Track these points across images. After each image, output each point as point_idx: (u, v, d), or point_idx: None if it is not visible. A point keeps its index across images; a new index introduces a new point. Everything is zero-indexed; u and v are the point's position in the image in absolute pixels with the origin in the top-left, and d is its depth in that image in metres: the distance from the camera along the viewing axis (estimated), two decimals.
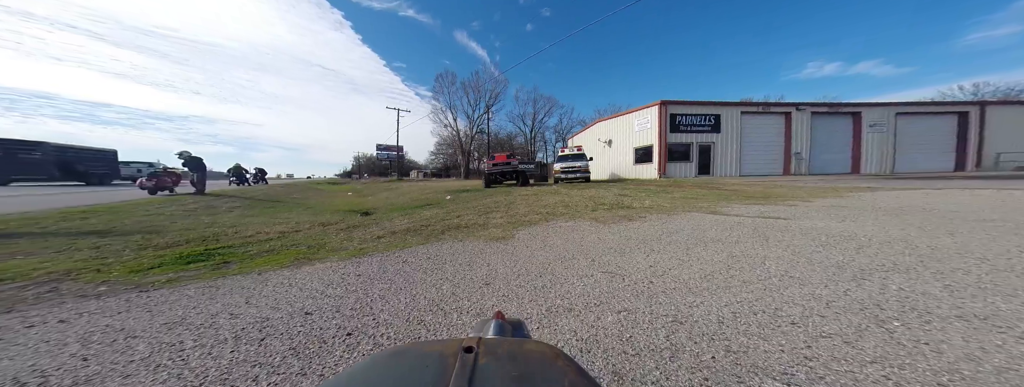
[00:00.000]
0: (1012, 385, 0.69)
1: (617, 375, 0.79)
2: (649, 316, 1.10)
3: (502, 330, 0.36)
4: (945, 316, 1.01)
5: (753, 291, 1.28)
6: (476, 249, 2.29)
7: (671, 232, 2.51)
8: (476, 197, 6.81)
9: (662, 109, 13.30)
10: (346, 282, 1.70)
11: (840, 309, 1.09)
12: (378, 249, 2.43)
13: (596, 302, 1.24)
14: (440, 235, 2.87)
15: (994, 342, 0.86)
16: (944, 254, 1.66)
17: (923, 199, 3.90)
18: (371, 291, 1.54)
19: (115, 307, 1.48)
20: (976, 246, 1.79)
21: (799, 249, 1.87)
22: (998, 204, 3.36)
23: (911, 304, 1.11)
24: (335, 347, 1.06)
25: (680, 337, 0.95)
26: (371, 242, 2.76)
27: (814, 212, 3.21)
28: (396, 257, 2.16)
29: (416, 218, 4.05)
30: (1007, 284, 1.25)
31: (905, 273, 1.41)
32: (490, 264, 1.87)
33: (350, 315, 1.29)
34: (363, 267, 1.96)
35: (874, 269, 1.47)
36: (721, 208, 3.71)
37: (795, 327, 0.98)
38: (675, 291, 1.31)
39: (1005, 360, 0.78)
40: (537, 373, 0.21)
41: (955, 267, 1.46)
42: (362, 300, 1.44)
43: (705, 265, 1.64)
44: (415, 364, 0.22)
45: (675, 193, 5.77)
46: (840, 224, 2.56)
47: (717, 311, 1.11)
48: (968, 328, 0.93)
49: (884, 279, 1.35)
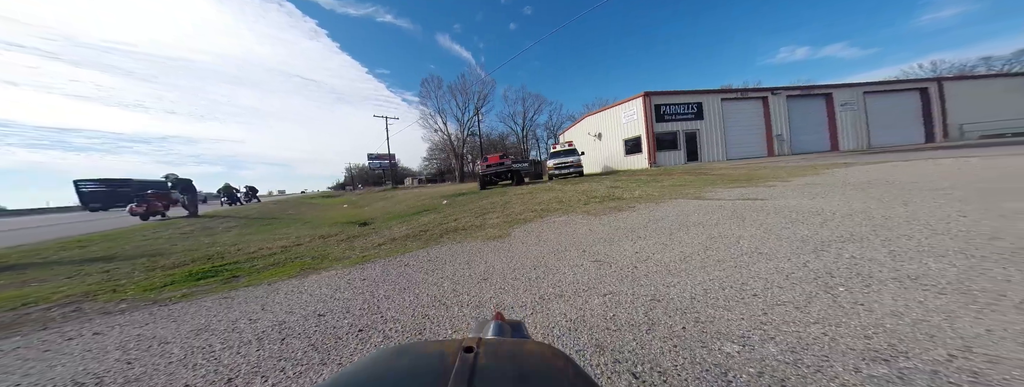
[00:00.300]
0: (924, 334, 0.83)
1: (599, 347, 0.91)
2: (631, 297, 1.22)
3: (502, 330, 0.36)
4: (883, 279, 1.15)
5: (725, 269, 1.41)
6: (474, 249, 2.38)
7: (657, 219, 2.64)
8: (472, 199, 6.89)
9: (646, 100, 13.48)
10: (352, 286, 1.79)
11: (797, 280, 1.22)
12: (380, 256, 2.51)
13: (585, 288, 1.35)
14: (439, 239, 2.96)
15: (917, 299, 0.99)
16: (895, 223, 1.82)
17: (889, 172, 4.12)
18: (377, 293, 1.64)
19: (141, 320, 1.57)
20: (923, 214, 1.96)
21: (771, 227, 2.01)
22: (953, 173, 3.58)
23: (857, 270, 1.24)
24: (349, 342, 1.15)
25: (657, 313, 1.07)
26: (372, 250, 2.85)
27: (790, 191, 3.39)
28: (398, 261, 2.24)
29: (414, 224, 4.14)
30: (941, 246, 1.40)
31: (858, 242, 1.56)
32: (487, 262, 1.97)
33: (359, 314, 1.38)
34: (367, 272, 2.04)
35: (833, 241, 1.62)
36: (706, 193, 3.87)
37: (756, 298, 1.11)
38: (656, 274, 1.44)
39: (922, 313, 0.92)
40: (537, 373, 0.21)
41: (901, 234, 1.62)
42: (369, 301, 1.53)
43: (685, 248, 1.77)
44: (415, 364, 0.21)
45: (664, 181, 5.94)
46: (811, 201, 2.72)
47: (691, 289, 1.24)
48: (900, 288, 1.07)
49: (839, 249, 1.49)
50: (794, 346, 0.82)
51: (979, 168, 3.77)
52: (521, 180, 11.13)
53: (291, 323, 1.41)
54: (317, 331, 1.29)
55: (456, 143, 36.36)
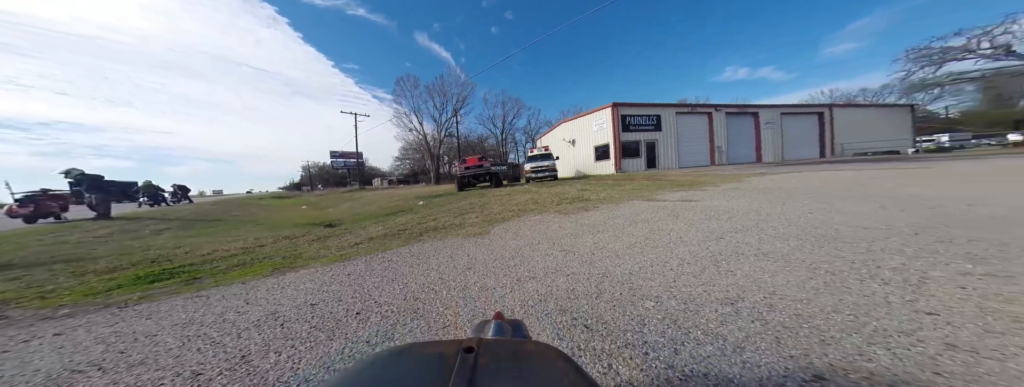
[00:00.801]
0: (756, 286, 1.28)
1: (562, 311, 1.23)
2: (587, 275, 1.57)
3: (502, 331, 0.36)
4: (748, 255, 1.66)
5: (656, 253, 1.85)
6: (456, 244, 2.60)
7: (615, 217, 3.11)
8: (450, 201, 6.99)
9: (614, 111, 14.72)
10: (338, 280, 1.90)
11: (699, 258, 1.69)
12: (359, 253, 2.59)
13: (553, 271, 1.68)
14: (419, 237, 3.09)
15: (760, 266, 1.49)
16: (771, 218, 2.47)
17: (786, 181, 5.22)
18: (365, 284, 1.78)
19: (104, 320, 1.54)
20: (790, 211, 2.66)
21: (695, 222, 2.56)
22: (827, 181, 4.69)
23: (736, 250, 1.75)
24: (350, 323, 1.33)
25: (605, 285, 1.43)
26: (350, 248, 2.90)
27: (717, 195, 4.16)
28: (381, 258, 2.36)
29: (390, 224, 4.18)
30: (789, 233, 2.00)
31: (744, 232, 2.12)
32: (470, 254, 2.22)
33: (352, 302, 1.54)
34: (350, 268, 2.16)
35: (730, 231, 2.17)
36: (656, 196, 4.53)
37: (670, 271, 1.53)
38: (608, 258, 1.82)
39: (759, 275, 1.40)
40: (537, 373, 0.20)
41: (771, 225, 2.23)
42: (359, 291, 1.68)
43: (632, 239, 2.21)
44: (415, 364, 0.21)
45: (626, 185, 6.67)
46: (728, 202, 3.43)
47: (630, 268, 1.63)
48: (755, 261, 1.57)
49: (731, 237, 2.03)
50: (686, 300, 1.22)
51: (840, 178, 4.96)
52: (499, 182, 11.41)
53: (285, 312, 1.52)
54: (315, 316, 1.42)
55: (432, 143, 35.25)
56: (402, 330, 1.21)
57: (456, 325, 1.20)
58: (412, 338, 1.14)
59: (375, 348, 1.10)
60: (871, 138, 17.59)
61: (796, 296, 1.16)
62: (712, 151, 16.09)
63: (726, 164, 15.39)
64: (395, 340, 1.15)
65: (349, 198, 12.87)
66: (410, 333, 1.18)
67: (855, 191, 3.48)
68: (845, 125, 17.82)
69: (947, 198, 2.70)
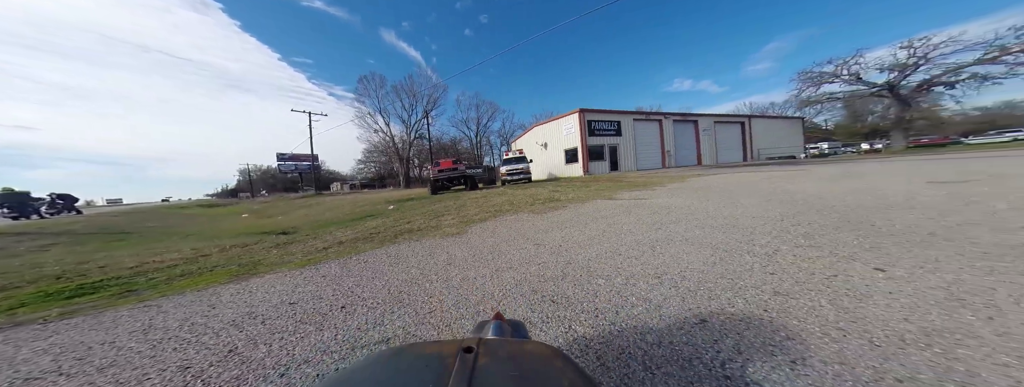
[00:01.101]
0: (673, 263, 1.70)
1: (534, 291, 1.48)
2: (555, 263, 1.86)
3: (502, 331, 0.36)
4: (676, 241, 2.12)
5: (610, 243, 2.22)
6: (434, 244, 2.73)
7: (580, 215, 3.52)
8: (423, 204, 6.91)
9: (581, 116, 15.80)
10: (313, 282, 1.91)
11: (641, 244, 2.10)
12: (330, 257, 2.57)
13: (526, 261, 1.94)
14: (394, 239, 3.11)
15: (682, 249, 1.94)
16: (697, 211, 3.09)
17: (714, 182, 6.31)
18: (344, 283, 1.83)
19: (30, 336, 1.44)
20: (711, 206, 3.34)
21: (642, 217, 3.06)
22: (739, 182, 5.81)
23: (669, 237, 2.22)
24: (336, 315, 1.42)
25: (569, 270, 1.73)
26: (318, 253, 2.84)
27: (663, 193, 4.89)
28: (356, 260, 2.38)
29: (360, 229, 4.07)
30: (706, 223, 2.57)
31: (677, 223, 2.64)
32: (449, 252, 2.38)
33: (334, 298, 1.60)
34: (324, 270, 2.16)
35: (666, 223, 2.68)
36: (615, 195, 5.13)
37: (619, 256, 1.90)
38: (572, 249, 2.15)
39: (680, 256, 1.83)
40: (536, 373, 0.20)
41: (696, 217, 2.81)
42: (339, 290, 1.74)
43: (592, 232, 2.59)
44: (415, 364, 0.21)
45: (592, 186, 7.32)
46: (669, 200, 4.10)
47: (589, 255, 1.97)
48: (681, 245, 2.03)
49: (667, 227, 2.52)
50: (628, 276, 1.57)
51: (748, 180, 6.17)
52: (475, 185, 11.43)
53: (264, 310, 1.52)
54: (298, 312, 1.46)
55: (401, 146, 33.23)
56: (391, 317, 1.35)
57: (442, 311, 1.37)
58: (401, 326, 1.28)
59: (364, 335, 1.21)
60: (777, 144, 21.68)
61: (700, 269, 1.58)
62: (663, 155, 18.22)
63: (674, 166, 17.57)
64: (385, 326, 1.28)
65: (304, 205, 11.69)
66: (400, 319, 1.32)
67: (754, 190, 4.43)
68: (760, 133, 21.66)
69: (807, 194, 3.65)
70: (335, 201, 12.31)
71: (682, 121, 19.32)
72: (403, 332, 1.21)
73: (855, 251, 1.61)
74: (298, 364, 1.05)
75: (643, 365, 0.86)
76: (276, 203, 14.88)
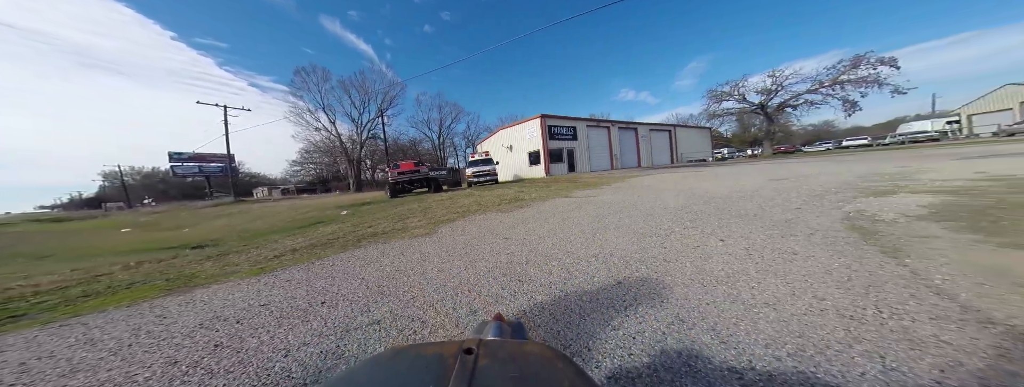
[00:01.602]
0: (607, 246, 2.25)
1: (505, 275, 1.82)
2: (520, 252, 2.23)
3: (501, 332, 0.37)
4: (611, 229, 2.72)
5: (564, 233, 2.71)
6: (404, 245, 2.84)
7: (542, 212, 4.00)
8: (383, 208, 6.68)
9: (543, 122, 16.85)
10: (278, 287, 1.90)
11: (586, 233, 2.63)
12: (287, 264, 2.49)
13: (496, 253, 2.27)
14: (358, 243, 3.09)
15: (614, 236, 2.53)
16: (629, 205, 3.87)
17: (647, 180, 7.63)
18: (315, 285, 1.88)
19: None
20: (640, 201, 4.20)
21: (590, 210, 3.69)
22: (663, 181, 7.18)
23: (606, 227, 2.81)
24: (318, 310, 1.51)
25: (531, 257, 2.12)
26: (269, 261, 2.71)
27: (609, 191, 5.77)
28: (320, 264, 2.37)
29: (314, 235, 3.88)
30: (635, 214, 3.29)
31: (613, 215, 3.31)
32: (422, 250, 2.56)
33: (310, 297, 1.66)
34: (286, 276, 2.12)
35: (607, 215, 3.33)
36: (571, 194, 5.83)
37: (570, 243, 2.38)
38: (535, 240, 2.56)
39: (612, 241, 2.41)
40: (536, 374, 0.20)
41: (628, 210, 3.55)
42: (312, 291, 1.78)
43: (551, 226, 3.06)
44: (415, 365, 0.21)
45: (552, 187, 8.03)
46: (613, 197, 4.92)
47: (548, 244, 2.40)
48: (615, 232, 2.62)
49: (608, 219, 3.15)
50: (575, 258, 2.03)
51: (669, 179, 7.65)
52: (439, 187, 11.11)
53: (231, 314, 1.53)
54: (273, 312, 1.51)
55: (350, 146, 29.70)
56: (376, 305, 1.52)
57: (424, 296, 1.59)
58: (388, 310, 1.45)
59: (354, 320, 1.37)
60: (694, 150, 26.62)
61: (625, 248, 2.14)
62: (611, 158, 20.63)
63: (620, 168, 20.05)
64: (372, 312, 1.45)
65: (222, 214, 9.83)
66: (385, 305, 1.51)
67: (670, 187, 5.62)
68: (683, 140, 26.26)
69: (702, 190, 4.85)
70: (265, 208, 10.65)
71: (626, 128, 22.19)
72: (391, 314, 1.41)
73: (714, 229, 2.39)
74: (298, 346, 1.18)
75: (578, 314, 1.27)
76: (175, 213, 11.96)
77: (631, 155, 22.32)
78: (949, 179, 3.37)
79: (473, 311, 1.39)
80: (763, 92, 25.63)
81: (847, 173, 5.05)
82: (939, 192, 2.83)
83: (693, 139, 27.61)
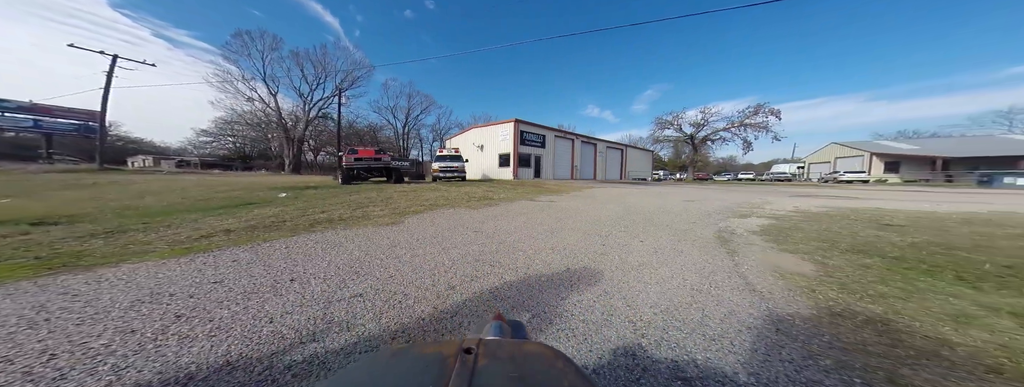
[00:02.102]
0: (563, 243, 2.76)
1: (478, 260, 2.12)
2: (490, 245, 2.55)
3: (502, 331, 0.37)
4: (567, 230, 3.26)
5: (529, 230, 3.13)
6: (369, 232, 2.84)
7: (510, 210, 4.39)
8: (334, 194, 6.18)
9: (516, 126, 17.42)
10: (223, 266, 1.76)
11: (547, 231, 3.11)
12: (219, 246, 2.22)
13: (468, 243, 2.54)
14: (310, 228, 2.92)
15: (570, 235, 3.07)
16: (582, 211, 4.56)
17: (600, 192, 8.78)
18: (273, 265, 1.82)
19: None
20: (591, 208, 4.96)
21: (552, 213, 4.23)
22: (613, 193, 8.43)
23: (563, 227, 3.35)
24: (289, 286, 1.52)
25: (501, 248, 2.45)
26: (196, 241, 2.34)
27: (568, 198, 6.52)
28: (270, 247, 2.22)
29: (248, 217, 3.39)
30: (586, 219, 3.94)
31: (570, 219, 3.90)
32: (390, 238, 2.63)
33: (274, 276, 1.61)
34: (229, 256, 1.97)
35: (564, 218, 3.90)
36: (536, 198, 6.39)
37: (534, 238, 2.80)
38: (503, 235, 2.90)
39: (568, 238, 2.93)
40: (536, 374, 0.20)
41: (581, 215, 4.20)
42: (272, 270, 1.72)
43: (518, 223, 3.45)
44: (415, 365, 0.21)
45: (519, 189, 8.52)
46: (571, 203, 5.63)
47: (515, 239, 2.77)
48: (570, 232, 3.16)
49: (565, 221, 3.71)
50: (537, 250, 2.44)
51: (616, 192, 8.98)
52: (400, 179, 10.57)
53: (180, 290, 1.41)
54: (234, 288, 1.45)
55: (290, 122, 25.38)
56: (353, 283, 1.63)
57: (401, 276, 1.76)
58: (368, 286, 1.55)
59: (334, 294, 1.44)
60: (638, 169, 31.05)
61: (575, 245, 2.65)
62: (572, 168, 22.53)
63: (579, 178, 22.08)
64: (350, 287, 1.55)
65: (77, 184, 7.29)
66: (362, 283, 1.63)
67: (616, 199, 6.69)
68: (631, 159, 30.30)
69: (638, 203, 5.97)
70: (158, 182, 8.38)
71: (587, 143, 24.52)
72: (371, 289, 1.54)
73: (638, 233, 3.13)
74: (280, 315, 1.26)
75: (537, 289, 1.66)
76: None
77: (589, 168, 24.73)
78: (778, 210, 5.00)
79: (451, 287, 1.64)
80: (694, 125, 31.55)
81: (731, 200, 6.83)
82: (769, 217, 4.22)
83: (639, 159, 32.15)
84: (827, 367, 0.96)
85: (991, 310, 1.33)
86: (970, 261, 2.00)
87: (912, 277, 1.75)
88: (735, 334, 1.17)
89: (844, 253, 2.26)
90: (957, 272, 1.80)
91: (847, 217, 4.05)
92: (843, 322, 1.25)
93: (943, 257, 2.10)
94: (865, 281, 1.69)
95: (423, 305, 1.42)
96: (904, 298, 1.46)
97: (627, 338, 1.16)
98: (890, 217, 3.92)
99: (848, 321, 1.26)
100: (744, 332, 1.19)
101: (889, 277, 1.74)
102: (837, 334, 1.16)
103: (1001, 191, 11.33)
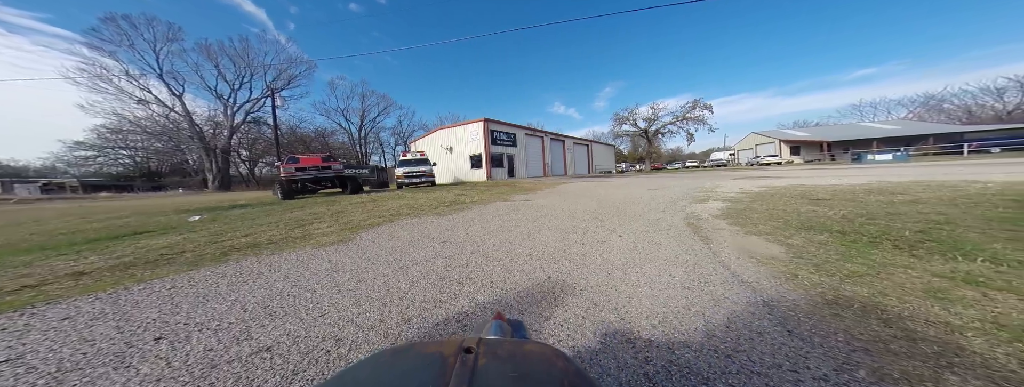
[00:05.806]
0: (545, 245, 2.46)
1: (442, 278, 1.69)
2: (460, 257, 2.13)
3: (502, 331, 0.36)
4: (543, 230, 2.98)
5: (503, 235, 2.77)
6: (305, 254, 2.26)
7: (482, 214, 3.97)
8: (269, 212, 5.08)
9: (486, 125, 16.90)
10: (39, 328, 1.21)
11: (523, 234, 2.78)
12: (51, 297, 1.54)
13: (433, 257, 2.09)
14: (221, 258, 2.24)
15: (547, 234, 2.79)
16: (558, 208, 4.37)
17: (571, 187, 8.84)
18: (133, 317, 1.30)
19: None
20: (564, 204, 4.81)
21: (526, 213, 3.93)
22: (584, 188, 8.52)
23: (540, 227, 3.06)
24: (148, 349, 1.04)
25: (472, 259, 2.05)
26: (15, 294, 1.59)
27: (542, 196, 6.32)
28: (142, 289, 1.60)
29: (125, 252, 2.49)
30: (561, 216, 3.73)
31: (546, 217, 3.64)
32: (331, 260, 2.07)
33: (129, 335, 1.15)
34: (59, 312, 1.38)
35: (540, 217, 3.63)
36: (511, 198, 6.07)
37: (508, 244, 2.44)
38: (475, 242, 2.49)
39: (545, 237, 2.64)
40: (536, 374, 0.20)
41: (557, 212, 3.99)
42: (129, 322, 1.25)
43: (492, 227, 3.07)
44: (415, 364, 0.21)
45: (493, 190, 8.12)
46: (545, 200, 5.42)
47: (488, 246, 2.39)
48: (547, 232, 2.89)
49: (540, 221, 3.43)
50: (514, 258, 2.09)
51: (585, 187, 9.13)
52: (358, 188, 9.23)
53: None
54: (31, 369, 0.93)
55: (209, 129, 21.31)
56: (261, 329, 1.14)
57: (337, 313, 1.29)
58: (283, 333, 1.11)
59: (224, 353, 0.98)
60: (603, 163, 32.88)
61: (554, 247, 2.36)
62: (544, 165, 22.82)
63: (550, 175, 22.47)
64: (253, 341, 1.07)
65: None
66: (278, 328, 1.14)
67: (588, 193, 6.71)
68: (597, 154, 31.90)
69: (608, 196, 6.03)
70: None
71: (556, 140, 25.06)
72: (289, 337, 1.08)
73: (615, 226, 2.99)
74: None
75: (517, 309, 1.31)
76: None
77: (559, 164, 25.35)
78: (728, 193, 5.42)
79: (406, 319, 1.22)
80: (647, 119, 34.44)
81: (687, 186, 7.33)
82: (724, 200, 4.50)
83: (603, 154, 34.03)
84: (866, 381, 0.77)
85: (948, 279, 1.36)
86: (892, 229, 2.18)
87: (863, 250, 1.80)
88: (749, 346, 0.96)
89: (799, 231, 2.34)
90: (892, 241, 1.92)
91: (784, 195, 4.47)
92: (843, 312, 1.14)
93: (872, 227, 2.28)
94: (831, 260, 1.69)
95: (362, 354, 0.98)
96: (873, 274, 1.45)
97: (630, 366, 0.87)
98: (815, 193, 4.41)
99: (847, 311, 1.15)
100: (756, 340, 0.99)
101: (847, 253, 1.78)
102: (848, 330, 1.02)
103: (868, 166, 14.14)
